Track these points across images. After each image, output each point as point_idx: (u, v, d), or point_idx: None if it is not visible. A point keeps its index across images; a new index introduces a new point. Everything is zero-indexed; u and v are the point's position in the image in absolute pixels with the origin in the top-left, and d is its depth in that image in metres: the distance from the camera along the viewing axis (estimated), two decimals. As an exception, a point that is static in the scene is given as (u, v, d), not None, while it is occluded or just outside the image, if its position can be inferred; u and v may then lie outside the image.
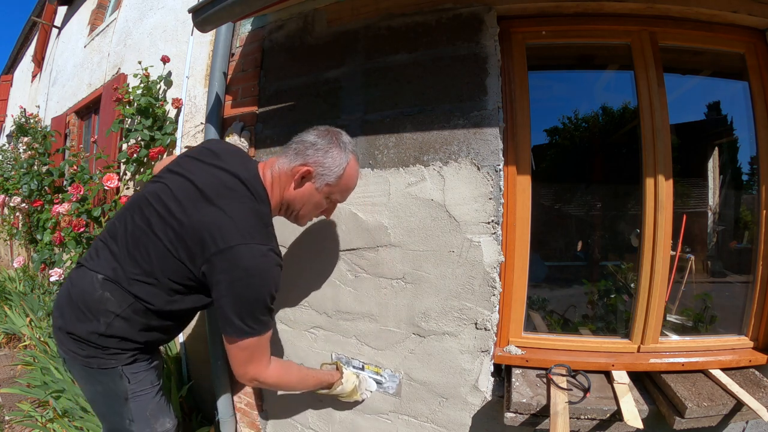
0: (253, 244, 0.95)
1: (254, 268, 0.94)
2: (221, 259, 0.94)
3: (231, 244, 0.94)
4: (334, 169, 1.08)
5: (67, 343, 1.05)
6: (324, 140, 1.09)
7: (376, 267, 1.44)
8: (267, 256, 0.97)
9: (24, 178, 3.11)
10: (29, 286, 3.61)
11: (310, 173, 1.08)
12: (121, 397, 1.08)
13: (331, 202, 1.17)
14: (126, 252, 1.03)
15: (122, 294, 1.02)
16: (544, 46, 1.39)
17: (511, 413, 1.18)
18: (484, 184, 1.26)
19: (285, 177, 1.10)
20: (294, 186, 1.09)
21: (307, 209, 1.14)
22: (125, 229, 1.05)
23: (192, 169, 1.08)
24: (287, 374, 1.19)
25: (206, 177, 1.04)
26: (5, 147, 5.08)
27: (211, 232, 0.95)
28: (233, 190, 1.03)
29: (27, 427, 2.07)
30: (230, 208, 0.99)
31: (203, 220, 0.97)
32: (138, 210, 1.06)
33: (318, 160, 1.07)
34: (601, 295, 1.78)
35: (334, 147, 1.09)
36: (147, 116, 2.27)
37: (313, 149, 1.08)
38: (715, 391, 1.16)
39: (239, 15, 1.46)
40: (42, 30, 5.68)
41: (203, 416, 2.03)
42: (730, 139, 1.71)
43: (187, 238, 0.97)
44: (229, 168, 1.07)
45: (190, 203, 1.00)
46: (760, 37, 1.28)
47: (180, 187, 1.04)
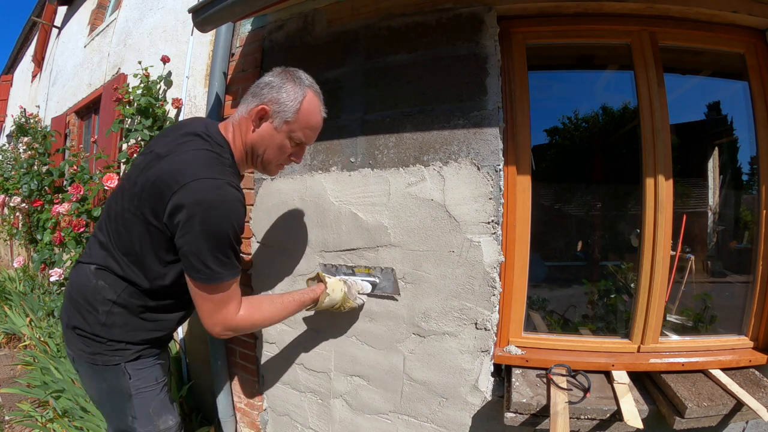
0: (204, 178, 0.93)
1: (209, 200, 0.92)
2: (176, 199, 0.92)
3: (182, 183, 0.92)
4: (289, 104, 1.05)
5: (75, 341, 1.07)
6: (278, 78, 1.07)
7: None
8: (222, 188, 0.94)
9: (24, 178, 3.11)
10: (29, 286, 3.61)
11: (266, 112, 1.06)
12: (125, 393, 1.09)
13: (297, 144, 1.13)
14: (111, 237, 1.05)
15: (114, 279, 1.04)
16: (544, 46, 1.39)
17: (511, 413, 1.18)
18: (484, 184, 1.26)
19: (244, 122, 1.09)
20: (253, 128, 1.08)
21: (271, 152, 1.11)
22: (107, 216, 1.09)
23: (156, 142, 1.12)
24: (259, 311, 1.11)
25: (167, 144, 1.06)
26: (5, 147, 5.08)
27: (165, 179, 0.94)
28: (188, 143, 1.02)
29: (27, 427, 2.07)
30: (182, 154, 0.98)
31: (158, 172, 0.97)
32: (115, 195, 1.10)
33: (273, 98, 1.05)
34: (601, 295, 1.78)
35: (288, 82, 1.06)
36: (147, 116, 2.27)
37: (267, 88, 1.06)
38: (715, 391, 1.16)
39: (239, 15, 1.46)
40: (42, 30, 5.68)
41: (203, 416, 2.03)
42: (730, 139, 1.71)
43: (147, 196, 0.97)
44: (189, 130, 1.08)
45: (148, 165, 1.02)
46: (760, 37, 1.28)
47: (144, 160, 1.07)
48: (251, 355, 1.79)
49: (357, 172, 1.46)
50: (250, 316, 1.08)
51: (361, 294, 1.39)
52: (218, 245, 0.95)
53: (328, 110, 1.13)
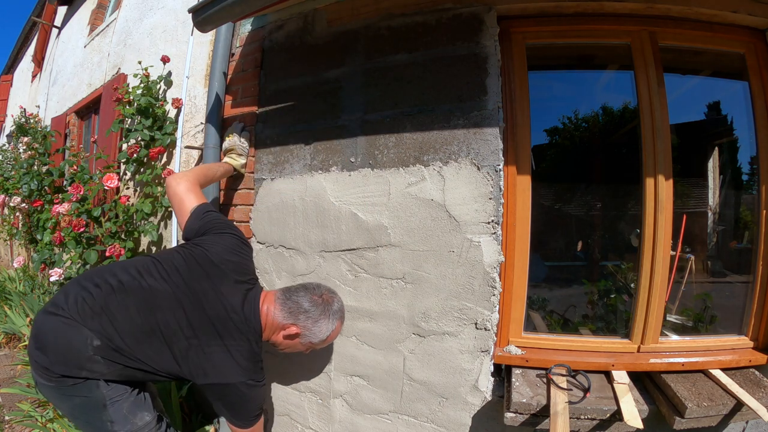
0: (247, 381, 1.16)
1: (247, 396, 1.17)
2: (220, 389, 1.15)
3: (230, 382, 1.14)
4: (319, 336, 1.27)
5: (42, 372, 1.09)
6: (317, 311, 1.25)
7: (376, 267, 1.44)
8: (256, 386, 1.19)
9: (24, 178, 3.10)
10: (29, 286, 3.60)
11: (299, 334, 1.25)
12: (100, 404, 1.12)
13: (310, 349, 1.34)
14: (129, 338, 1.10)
15: (113, 364, 1.10)
16: (544, 46, 1.39)
17: (511, 413, 1.18)
18: (484, 184, 1.26)
19: (277, 326, 1.26)
20: (282, 337, 1.26)
21: (289, 351, 1.34)
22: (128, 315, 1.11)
23: (201, 288, 1.19)
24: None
25: (216, 307, 1.17)
26: (5, 147, 5.08)
27: (216, 369, 1.13)
28: (237, 329, 1.18)
29: (27, 427, 2.07)
30: (233, 350, 1.16)
31: (211, 357, 1.14)
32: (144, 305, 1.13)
33: (307, 326, 1.25)
34: (601, 295, 1.78)
35: (323, 318, 1.26)
36: (147, 116, 2.27)
37: (305, 316, 1.24)
38: (715, 391, 1.16)
39: (239, 15, 1.46)
40: (42, 30, 5.68)
41: (203, 416, 2.03)
42: (730, 139, 1.71)
43: (192, 365, 1.14)
44: (236, 304, 1.20)
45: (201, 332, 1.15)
46: (760, 37, 1.28)
47: (191, 306, 1.16)
48: (251, 355, 1.79)
49: (357, 172, 1.46)
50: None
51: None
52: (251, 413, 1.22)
53: (328, 110, 1.16)
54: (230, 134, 1.71)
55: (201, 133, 2.06)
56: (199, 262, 1.22)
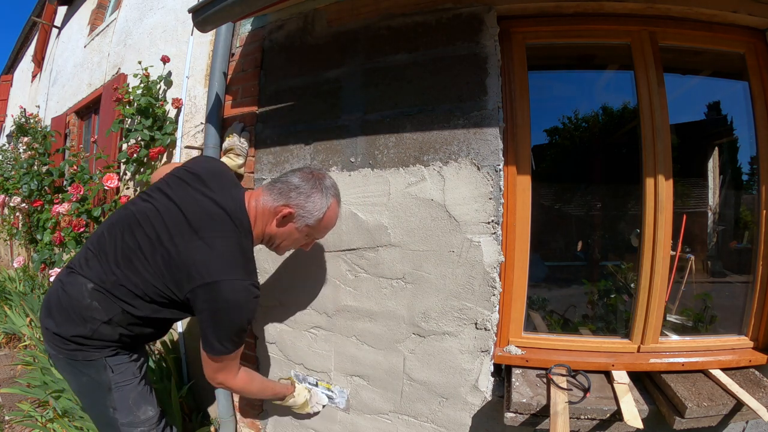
0: (235, 279, 1.04)
1: (235, 301, 1.03)
2: (205, 291, 1.02)
3: (215, 279, 1.02)
4: (314, 213, 1.16)
5: (53, 341, 1.12)
6: (308, 185, 1.16)
7: (376, 267, 1.44)
8: (247, 290, 1.06)
9: (24, 178, 3.11)
10: (29, 286, 3.60)
11: (292, 214, 1.16)
12: (105, 387, 1.13)
13: (310, 239, 1.26)
14: (116, 266, 1.09)
15: (110, 303, 1.09)
16: (544, 46, 1.39)
17: (511, 413, 1.18)
18: (484, 184, 1.26)
19: (268, 213, 1.17)
20: (276, 224, 1.17)
21: (287, 244, 1.23)
22: (115, 244, 1.11)
23: (180, 194, 1.14)
24: (250, 384, 1.30)
25: (194, 206, 1.11)
26: (5, 147, 5.08)
27: (198, 266, 1.03)
28: (219, 223, 1.09)
29: (27, 427, 2.07)
30: (216, 243, 1.06)
31: (191, 254, 1.04)
32: (128, 228, 1.12)
33: (300, 203, 1.15)
34: (601, 295, 1.78)
35: (316, 192, 1.16)
36: (147, 116, 2.27)
37: (296, 192, 1.15)
38: (715, 391, 1.16)
39: (239, 15, 1.46)
40: (42, 30, 5.68)
41: (203, 416, 2.03)
42: (730, 139, 1.71)
43: (175, 269, 1.05)
44: (216, 198, 1.13)
45: (179, 233, 1.07)
46: (760, 37, 1.28)
47: (169, 212, 1.10)
48: (251, 355, 1.79)
49: (357, 172, 1.46)
50: (242, 384, 1.25)
51: (318, 404, 1.58)
52: (235, 332, 1.09)
53: (328, 110, 1.16)
54: (230, 134, 1.71)
55: (201, 133, 2.06)
56: (178, 174, 1.19)
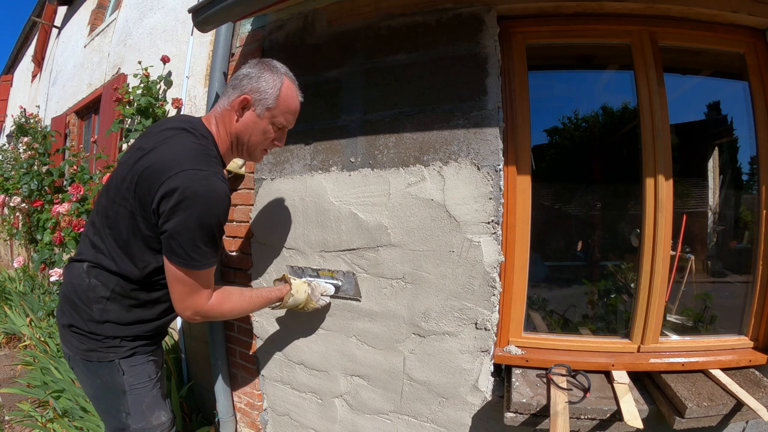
0: (192, 169, 0.97)
1: (196, 190, 0.95)
2: (164, 189, 0.95)
3: (171, 173, 0.96)
4: (269, 92, 1.12)
5: (70, 339, 1.10)
6: (256, 69, 1.13)
7: (376, 267, 1.44)
8: (209, 179, 0.98)
9: (24, 178, 3.11)
10: (29, 286, 3.61)
11: (248, 101, 1.11)
12: (119, 390, 1.11)
13: (279, 129, 1.19)
14: (101, 233, 1.08)
15: (106, 276, 1.07)
16: (544, 46, 1.39)
17: (511, 413, 1.18)
18: (484, 184, 1.26)
19: (227, 114, 1.14)
20: (237, 118, 1.13)
21: (256, 138, 1.17)
22: (97, 212, 1.12)
23: (142, 138, 1.14)
24: (228, 300, 1.17)
25: (151, 139, 1.09)
26: (5, 147, 5.08)
27: (154, 170, 0.98)
28: (174, 137, 1.06)
29: (27, 427, 2.07)
30: (169, 147, 1.02)
31: (145, 164, 1.00)
32: (104, 191, 1.12)
33: (253, 87, 1.11)
34: (601, 295, 1.78)
35: (266, 71, 1.12)
36: (147, 116, 2.27)
37: (246, 79, 1.12)
38: (715, 391, 1.16)
39: (239, 15, 1.46)
40: (42, 30, 5.68)
41: (203, 416, 2.03)
42: (730, 139, 1.71)
43: (135, 187, 1.00)
44: (173, 125, 1.11)
45: (135, 161, 1.04)
46: (760, 37, 1.28)
47: (131, 156, 1.09)
48: (251, 355, 1.79)
49: (357, 172, 1.46)
50: (219, 305, 1.13)
51: (324, 296, 1.46)
52: (201, 234, 0.99)
53: (328, 110, 1.15)
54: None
55: (201, 133, 2.06)
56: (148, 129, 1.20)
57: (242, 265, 1.79)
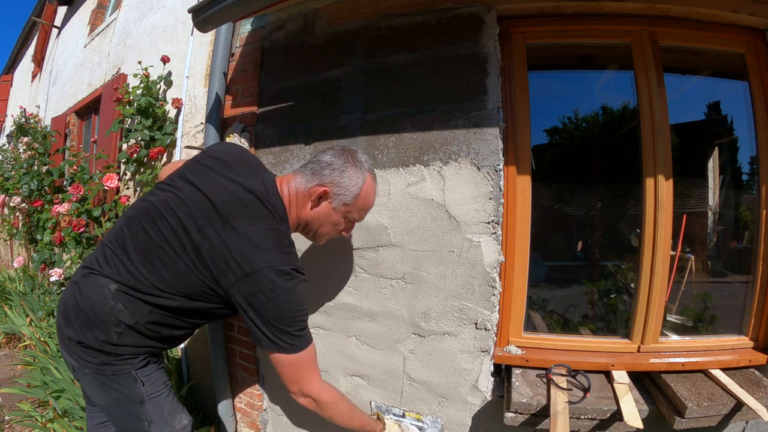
0: (276, 266, 0.96)
1: (281, 289, 0.95)
2: (247, 284, 0.95)
3: (255, 269, 0.94)
4: (350, 189, 1.09)
5: (78, 352, 1.03)
6: (340, 160, 1.10)
7: (376, 267, 1.44)
8: (291, 275, 0.97)
9: (24, 178, 3.11)
10: (29, 286, 3.61)
11: (327, 193, 1.09)
12: (137, 400, 1.07)
13: (349, 221, 1.17)
14: (140, 263, 1.01)
15: (137, 304, 1.01)
16: (544, 46, 1.39)
17: (511, 413, 1.18)
18: (484, 184, 1.26)
19: (302, 197, 1.10)
20: (311, 206, 1.10)
21: (326, 229, 1.15)
22: (137, 239, 1.03)
23: (205, 180, 1.06)
24: (341, 401, 1.16)
25: (221, 192, 1.03)
26: (5, 147, 5.08)
27: (234, 256, 0.96)
28: (251, 209, 1.02)
29: (27, 427, 2.07)
30: (250, 231, 0.98)
31: (224, 244, 0.97)
32: (150, 220, 1.04)
33: (334, 180, 1.08)
34: (601, 295, 1.78)
35: (350, 167, 1.09)
36: (147, 116, 2.27)
37: (329, 169, 1.09)
38: (715, 391, 1.16)
39: (239, 15, 1.46)
40: (42, 30, 5.68)
41: (203, 416, 2.03)
42: (730, 139, 1.71)
43: (209, 261, 0.97)
44: (245, 183, 1.05)
45: (207, 222, 0.99)
46: (760, 37, 1.28)
47: (194, 201, 1.03)
48: (251, 355, 1.79)
49: (357, 172, 1.46)
50: (332, 398, 1.12)
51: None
52: (290, 326, 0.99)
53: (328, 110, 1.14)
54: (230, 134, 1.71)
55: (201, 133, 2.06)
56: (200, 161, 1.13)
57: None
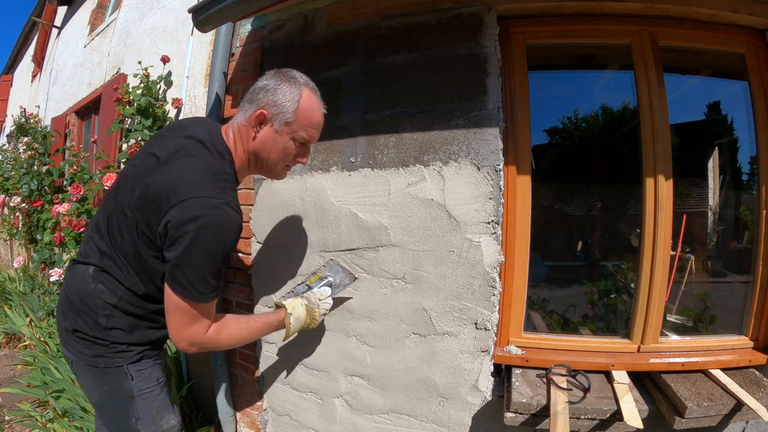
0: (203, 197, 0.92)
1: (203, 220, 0.90)
2: (173, 214, 0.91)
3: (180, 199, 0.91)
4: (287, 105, 1.04)
5: (74, 344, 1.06)
6: (272, 81, 1.06)
7: (376, 267, 1.44)
8: (220, 208, 0.93)
9: (24, 178, 3.11)
10: (29, 286, 3.61)
11: (265, 116, 1.05)
12: (128, 395, 1.08)
13: (301, 144, 1.12)
14: (109, 239, 1.03)
15: (114, 283, 1.03)
16: (544, 46, 1.39)
17: (511, 413, 1.18)
18: (484, 184, 1.26)
19: (244, 129, 1.08)
20: (254, 135, 1.07)
21: (275, 155, 1.10)
22: (105, 217, 1.06)
23: (157, 143, 1.09)
24: (226, 329, 1.10)
25: (167, 146, 1.03)
26: (5, 147, 5.09)
27: (164, 192, 0.93)
28: (188, 150, 1.01)
29: (27, 427, 2.07)
30: (182, 167, 0.97)
31: (157, 183, 0.95)
32: (111, 195, 1.07)
33: (269, 101, 1.04)
34: (601, 295, 1.78)
35: (282, 83, 1.05)
36: (147, 116, 2.27)
37: (263, 92, 1.06)
38: (715, 391, 1.16)
39: (239, 15, 1.46)
40: (42, 30, 5.68)
41: (203, 416, 2.03)
42: (730, 139, 1.71)
43: (146, 205, 0.96)
44: (191, 134, 1.06)
45: (150, 172, 0.99)
46: (760, 37, 1.28)
47: (143, 162, 1.04)
48: (251, 355, 1.79)
49: (357, 172, 1.46)
50: (216, 335, 1.07)
51: (324, 300, 1.36)
52: (210, 266, 0.95)
53: (328, 110, 1.13)
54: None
55: (201, 133, 2.06)
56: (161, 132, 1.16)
57: (242, 265, 1.79)
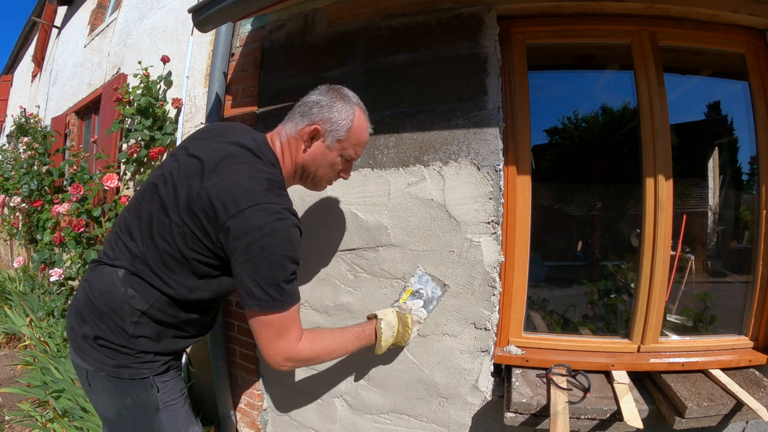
0: (264, 203, 0.90)
1: (268, 227, 0.89)
2: (234, 225, 0.89)
3: (241, 208, 0.89)
4: (342, 123, 1.05)
5: (92, 353, 0.99)
6: (326, 97, 1.07)
7: (376, 267, 1.44)
8: (281, 214, 0.92)
9: (24, 178, 3.11)
10: (29, 286, 3.61)
11: (318, 131, 1.05)
12: (152, 408, 1.03)
13: (346, 160, 1.12)
14: (144, 242, 0.98)
15: (147, 288, 0.98)
16: (544, 46, 1.39)
17: (511, 413, 1.18)
18: (484, 184, 1.26)
19: (294, 142, 1.08)
20: (304, 148, 1.07)
21: (323, 170, 1.11)
22: (139, 219, 1.01)
23: (197, 147, 1.05)
24: (322, 341, 1.06)
25: (212, 152, 1.01)
26: (5, 147, 5.09)
27: (221, 198, 0.91)
28: (239, 158, 0.99)
29: (27, 427, 2.07)
30: (237, 173, 0.95)
31: (210, 189, 0.93)
32: (148, 197, 1.02)
33: (324, 117, 1.05)
34: (601, 295, 1.78)
35: (337, 101, 1.06)
36: (147, 116, 2.27)
37: (317, 107, 1.06)
38: (715, 391, 1.16)
39: (239, 15, 1.46)
40: (42, 30, 5.68)
41: (203, 416, 2.03)
42: (730, 139, 1.71)
43: (197, 210, 0.93)
44: (236, 140, 1.04)
45: (197, 177, 0.96)
46: (760, 37, 1.28)
47: (187, 164, 1.01)
48: (251, 355, 1.79)
49: (357, 172, 1.46)
50: (311, 346, 1.03)
51: (417, 312, 1.30)
52: (278, 274, 0.92)
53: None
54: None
55: (201, 133, 2.06)
56: (194, 135, 1.13)
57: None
